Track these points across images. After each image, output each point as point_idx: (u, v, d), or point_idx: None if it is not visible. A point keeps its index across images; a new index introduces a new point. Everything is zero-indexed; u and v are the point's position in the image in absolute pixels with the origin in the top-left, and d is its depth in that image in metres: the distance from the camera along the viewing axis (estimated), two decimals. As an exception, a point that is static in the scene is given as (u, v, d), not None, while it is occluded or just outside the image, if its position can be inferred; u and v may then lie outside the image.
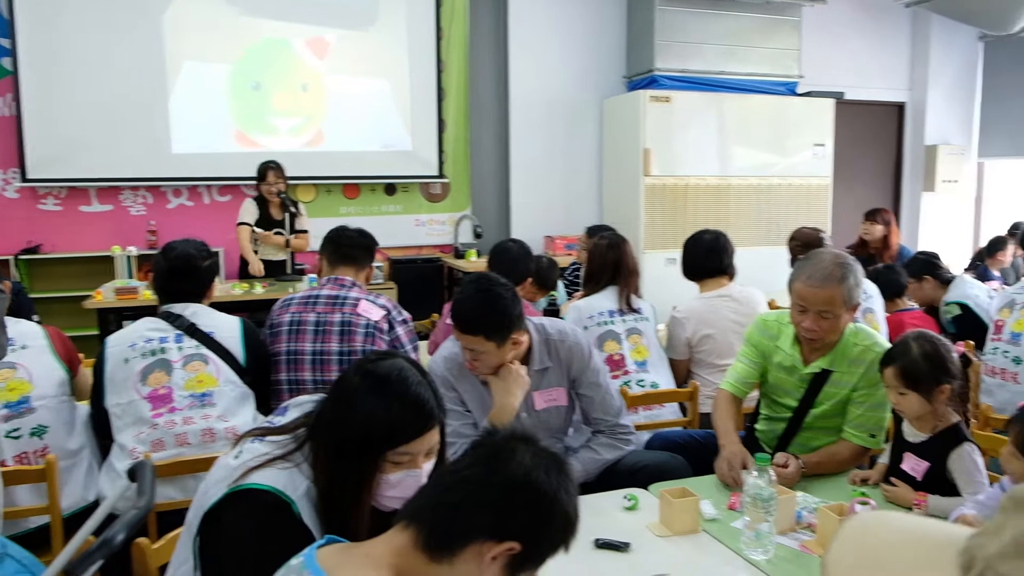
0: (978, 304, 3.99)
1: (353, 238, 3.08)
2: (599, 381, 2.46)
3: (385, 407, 1.40)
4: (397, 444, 1.40)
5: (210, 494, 1.45)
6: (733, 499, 2.07)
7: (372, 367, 1.45)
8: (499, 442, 1.19)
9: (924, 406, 2.06)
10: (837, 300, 2.28)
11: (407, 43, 6.14)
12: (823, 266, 2.31)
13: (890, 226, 5.65)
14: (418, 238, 6.45)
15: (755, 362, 2.58)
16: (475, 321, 2.18)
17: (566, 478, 1.18)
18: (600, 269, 3.39)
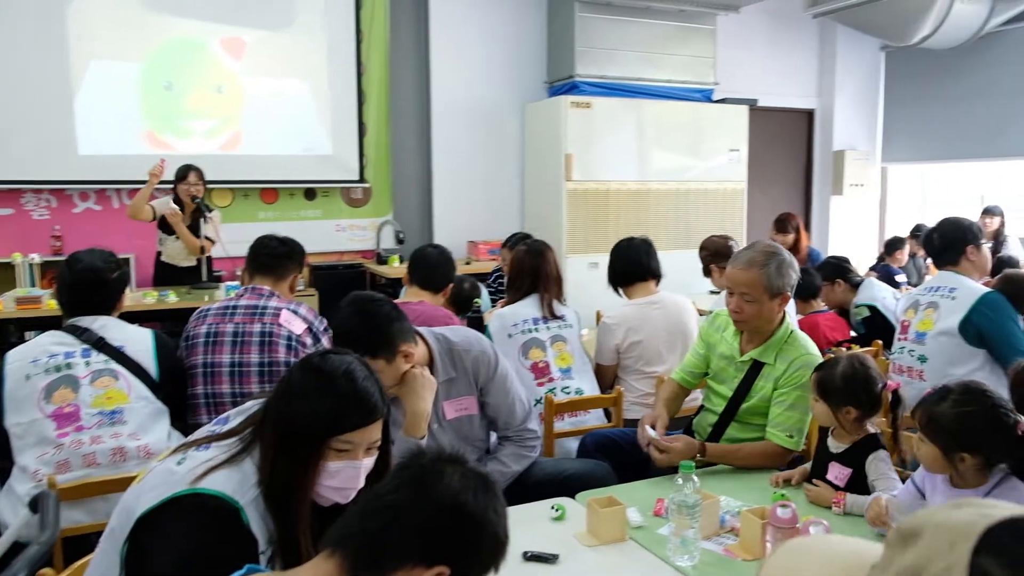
0: (885, 306, 4.17)
1: (271, 247, 2.99)
2: (507, 388, 2.46)
3: (331, 396, 1.43)
4: (341, 432, 1.43)
5: (146, 499, 1.42)
6: (659, 505, 2.09)
7: (320, 362, 1.48)
8: (426, 464, 1.18)
9: (831, 418, 2.19)
10: (757, 284, 2.42)
11: (326, 45, 6.03)
12: (751, 253, 2.48)
13: (799, 231, 5.91)
14: (339, 244, 6.34)
15: (701, 354, 2.75)
16: (356, 341, 2.09)
17: (495, 498, 1.17)
18: (521, 276, 3.39)
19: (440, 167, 6.53)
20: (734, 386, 2.57)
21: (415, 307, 3.17)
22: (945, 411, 1.82)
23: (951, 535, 0.60)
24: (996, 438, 1.79)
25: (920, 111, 7.86)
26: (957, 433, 1.80)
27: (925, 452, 1.87)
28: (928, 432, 1.85)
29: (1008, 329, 3.11)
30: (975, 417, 1.80)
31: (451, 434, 2.34)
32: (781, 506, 1.80)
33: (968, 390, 1.85)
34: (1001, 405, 1.81)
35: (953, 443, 1.81)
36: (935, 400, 1.87)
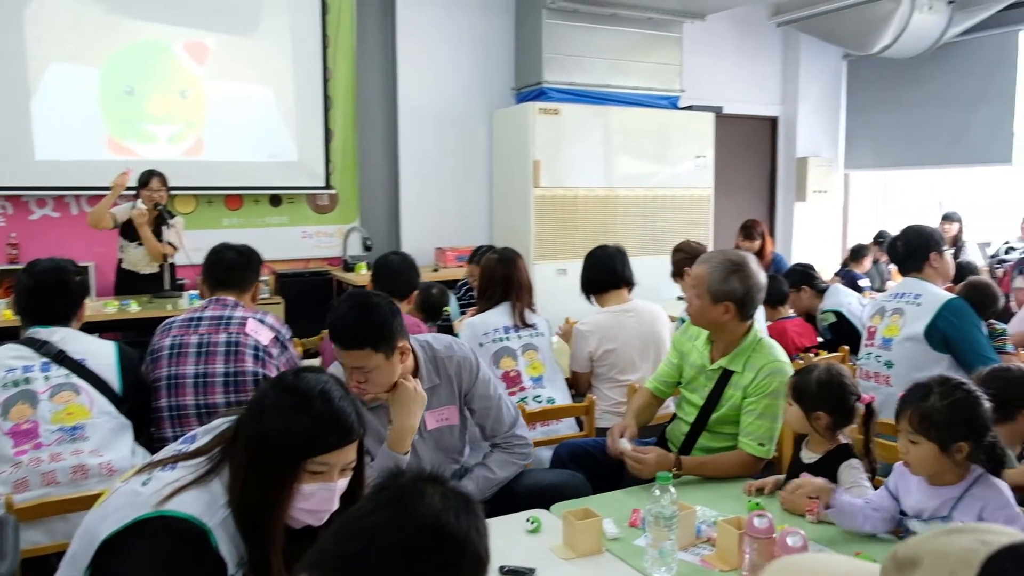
0: (851, 311, 4.22)
1: (228, 259, 2.93)
2: (490, 393, 2.43)
3: (307, 416, 1.40)
4: (316, 453, 1.40)
5: (109, 522, 1.37)
6: (634, 516, 2.08)
7: (295, 381, 1.45)
8: (405, 484, 1.14)
9: (802, 423, 2.21)
10: (701, 282, 2.48)
11: (292, 50, 5.96)
12: (713, 253, 2.56)
13: (764, 237, 6.02)
14: (305, 251, 6.25)
15: (674, 363, 2.76)
16: (357, 334, 2.08)
17: (476, 518, 1.14)
18: (492, 285, 3.37)
19: (407, 173, 6.49)
20: (705, 395, 2.58)
21: None
22: (936, 405, 1.85)
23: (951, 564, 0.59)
24: (984, 421, 1.84)
25: (881, 119, 8.00)
26: (951, 424, 1.83)
27: (919, 453, 1.87)
28: (924, 430, 1.86)
29: (972, 335, 3.16)
30: (964, 404, 1.84)
31: (431, 446, 2.30)
32: (758, 516, 1.79)
33: (947, 382, 1.89)
34: (975, 390, 1.88)
35: (949, 435, 1.83)
36: (919, 398, 1.89)
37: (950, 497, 1.87)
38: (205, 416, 2.58)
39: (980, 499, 1.83)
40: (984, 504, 1.82)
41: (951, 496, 1.87)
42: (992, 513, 1.81)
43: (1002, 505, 1.81)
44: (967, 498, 1.85)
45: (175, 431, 2.58)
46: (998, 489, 1.84)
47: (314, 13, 5.99)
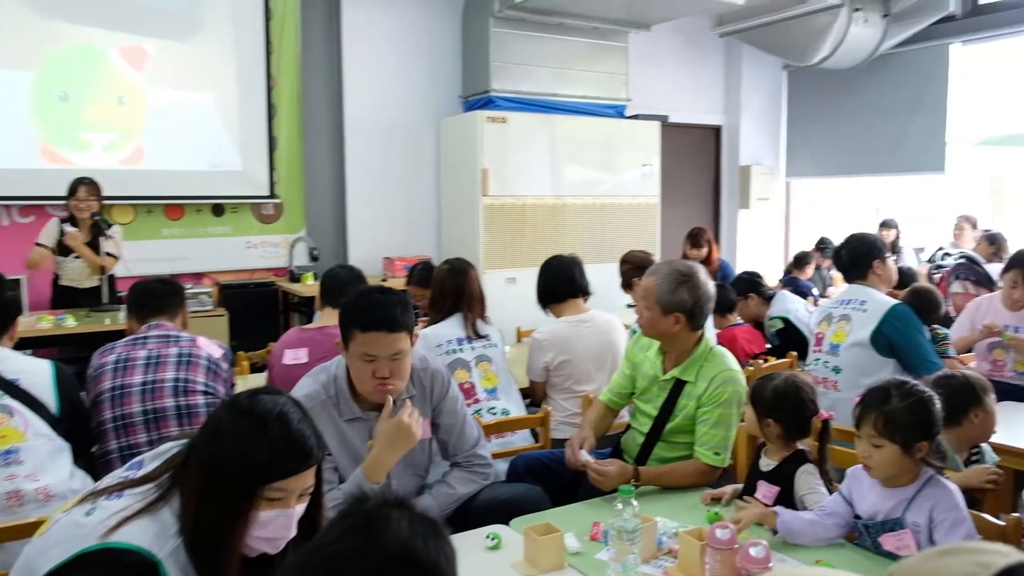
0: (798, 318, 4.29)
1: (154, 288, 2.85)
2: (457, 410, 2.40)
3: (265, 441, 1.34)
4: (274, 479, 1.34)
5: (51, 555, 1.29)
6: (595, 529, 2.07)
7: (251, 403, 1.39)
8: (371, 510, 1.10)
9: (755, 427, 2.25)
10: (650, 294, 2.49)
11: (235, 56, 5.83)
12: (662, 265, 2.56)
13: (711, 244, 6.11)
14: (250, 261, 6.11)
15: (627, 374, 2.75)
16: (397, 316, 2.08)
17: (444, 543, 1.11)
18: (443, 296, 3.33)
19: (354, 182, 6.41)
20: (658, 405, 2.58)
21: (332, 330, 3.06)
22: (898, 407, 1.90)
23: None
24: (937, 420, 1.90)
25: (820, 128, 8.20)
26: (913, 425, 1.88)
27: (881, 456, 1.91)
28: (888, 433, 1.89)
29: (916, 339, 3.24)
30: (922, 405, 1.90)
31: (400, 462, 2.25)
32: (720, 527, 1.79)
33: (902, 385, 1.94)
34: (928, 390, 1.94)
35: (911, 435, 1.88)
36: (880, 401, 1.93)
37: (904, 498, 1.91)
38: (153, 424, 2.50)
39: (931, 498, 1.88)
40: (935, 503, 1.86)
41: (905, 497, 1.91)
42: (942, 513, 1.85)
43: (951, 506, 1.85)
44: (919, 498, 1.89)
45: (120, 442, 2.48)
46: (948, 490, 1.89)
47: (257, 19, 5.87)
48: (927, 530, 1.86)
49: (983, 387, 2.40)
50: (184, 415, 2.55)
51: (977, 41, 6.92)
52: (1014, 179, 12.81)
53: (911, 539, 1.87)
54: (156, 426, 2.52)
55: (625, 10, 6.35)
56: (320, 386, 2.21)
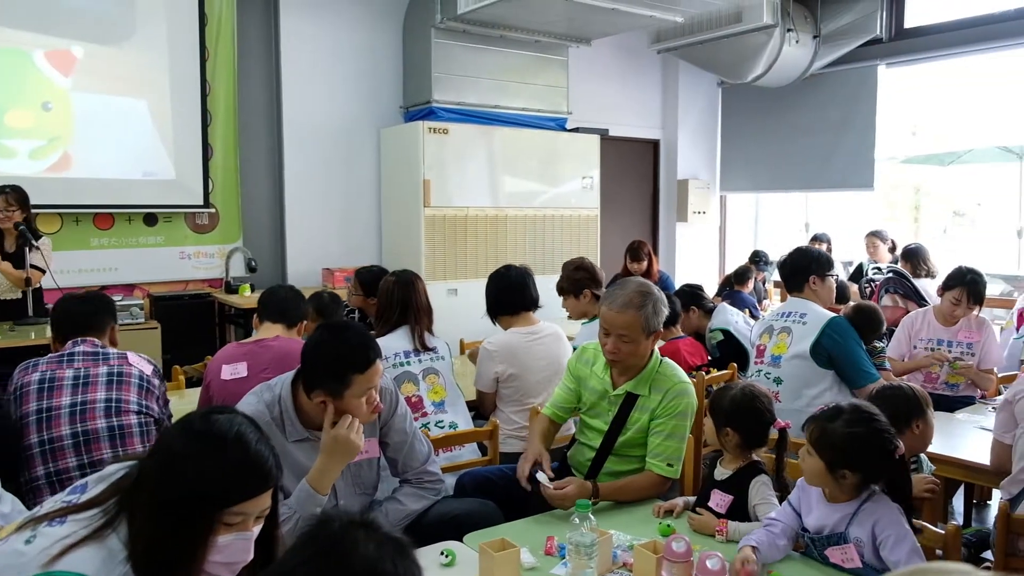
0: (738, 330, 4.37)
1: (82, 307, 2.74)
2: (406, 427, 2.37)
3: (223, 464, 1.29)
4: (234, 503, 1.29)
5: None
6: (549, 543, 2.05)
7: (205, 424, 1.34)
8: (336, 533, 1.07)
9: (714, 437, 2.28)
10: (635, 325, 2.45)
11: (168, 62, 5.66)
12: (626, 293, 2.48)
13: (651, 257, 6.19)
14: (184, 272, 5.93)
15: (571, 388, 2.71)
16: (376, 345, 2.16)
17: (412, 563, 1.09)
18: (390, 308, 3.28)
19: (293, 192, 6.29)
20: (609, 420, 2.57)
21: (271, 343, 3.03)
22: (837, 429, 1.93)
23: None
24: (878, 460, 1.91)
25: (753, 144, 8.40)
26: (845, 451, 1.91)
27: (810, 464, 1.96)
28: (817, 446, 1.94)
29: (853, 351, 3.33)
30: (863, 439, 1.91)
31: (348, 480, 2.21)
32: (675, 540, 1.80)
33: (859, 412, 1.96)
34: (886, 430, 1.94)
35: (839, 460, 1.91)
36: (828, 417, 1.97)
37: (847, 513, 1.95)
38: (83, 447, 2.39)
39: (873, 514, 1.92)
40: (876, 519, 1.91)
41: (848, 512, 1.95)
42: (885, 529, 1.89)
43: (893, 522, 1.90)
44: (861, 514, 1.93)
45: (48, 467, 2.37)
46: (891, 507, 1.93)
47: (192, 24, 5.72)
48: (871, 545, 1.90)
49: (925, 400, 2.48)
50: (117, 436, 2.45)
51: (901, 64, 7.20)
52: (933, 195, 13.37)
53: (855, 553, 1.92)
54: (87, 449, 2.41)
55: (566, 24, 6.41)
56: (264, 406, 2.15)
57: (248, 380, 2.88)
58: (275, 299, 3.20)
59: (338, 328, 2.19)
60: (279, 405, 2.16)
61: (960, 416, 3.42)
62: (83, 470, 2.37)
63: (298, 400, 2.17)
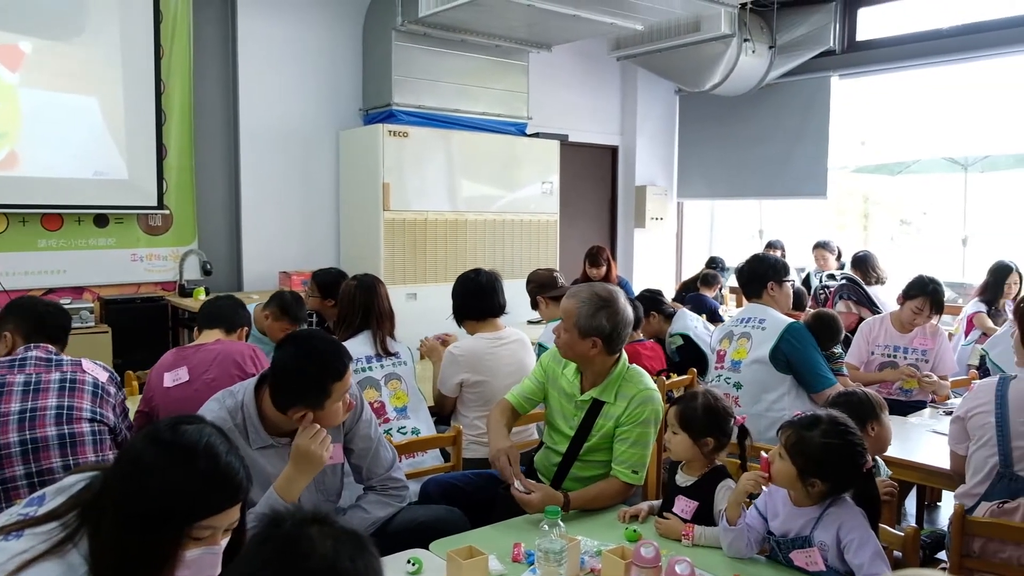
0: (697, 335, 4.42)
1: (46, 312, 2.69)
2: (371, 433, 2.34)
3: (193, 477, 1.25)
4: (203, 517, 1.25)
5: None
6: (516, 550, 2.04)
7: (174, 435, 1.29)
8: (290, 532, 1.03)
9: (689, 450, 2.25)
10: (569, 316, 2.50)
11: (121, 59, 5.52)
12: (583, 288, 2.55)
13: (609, 263, 6.24)
14: (136, 275, 5.79)
15: (539, 381, 2.72)
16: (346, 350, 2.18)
17: (371, 557, 1.06)
18: (352, 313, 3.26)
19: (249, 193, 6.19)
20: (575, 425, 2.57)
21: (212, 346, 3.00)
22: (814, 438, 1.95)
23: None
24: (848, 473, 1.95)
25: (710, 151, 8.52)
26: (818, 461, 1.94)
27: (781, 468, 1.98)
28: (791, 452, 1.96)
29: (811, 356, 3.39)
30: (837, 451, 1.94)
31: (311, 487, 2.17)
32: (644, 545, 1.81)
33: (836, 424, 1.98)
34: (860, 444, 1.97)
35: (810, 468, 1.94)
36: (806, 425, 1.99)
37: (811, 517, 1.98)
38: (32, 455, 2.31)
39: (837, 518, 1.95)
40: (841, 523, 1.94)
41: (813, 516, 1.98)
42: (848, 533, 1.92)
43: (856, 526, 1.94)
44: (825, 517, 1.97)
45: None
46: (854, 511, 1.97)
47: (146, 21, 5.59)
48: (835, 549, 1.93)
49: (880, 404, 2.54)
50: (68, 444, 2.37)
51: (853, 75, 7.37)
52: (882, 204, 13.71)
53: (819, 556, 1.95)
54: (35, 457, 2.33)
55: (526, 30, 6.42)
56: (227, 412, 2.11)
57: (191, 384, 2.87)
58: (214, 307, 3.24)
59: (306, 340, 2.16)
60: (242, 412, 2.12)
61: (913, 420, 3.50)
62: (31, 479, 2.30)
63: (262, 407, 2.13)
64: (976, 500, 2.38)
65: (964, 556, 2.29)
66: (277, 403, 2.09)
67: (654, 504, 2.33)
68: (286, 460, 2.11)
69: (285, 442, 2.15)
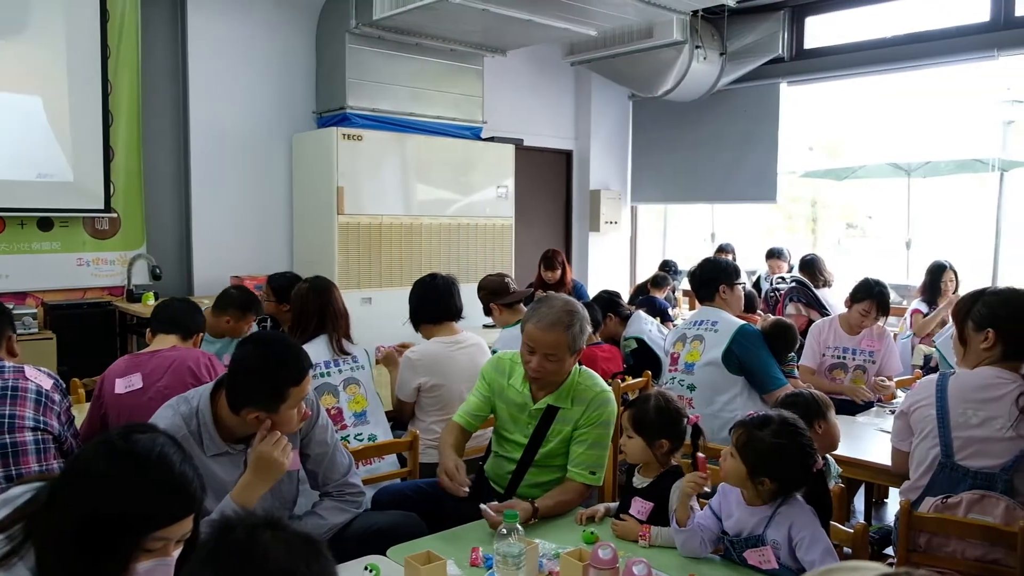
0: (651, 338, 4.47)
1: None
2: (327, 438, 2.32)
3: (147, 488, 1.22)
4: (156, 528, 1.22)
5: None
6: (474, 555, 2.04)
7: (126, 444, 1.26)
8: (241, 539, 1.01)
9: (644, 453, 2.27)
10: (562, 345, 2.43)
11: (65, 59, 5.38)
12: (553, 312, 2.45)
13: (564, 266, 6.27)
14: (82, 280, 5.64)
15: (485, 396, 2.67)
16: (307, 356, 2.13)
17: (325, 560, 1.04)
18: (307, 317, 3.22)
19: (200, 197, 6.08)
20: (529, 433, 2.55)
21: (167, 353, 2.92)
22: (764, 437, 1.99)
23: None
24: (798, 473, 1.99)
25: (663, 156, 8.62)
26: (768, 461, 1.98)
27: (731, 466, 2.02)
28: (742, 451, 2.00)
29: (762, 358, 3.46)
30: (787, 451, 1.98)
31: (267, 494, 2.13)
32: (601, 547, 1.82)
33: (787, 424, 2.03)
34: (809, 445, 2.01)
35: (761, 467, 1.98)
36: (756, 424, 2.03)
37: (763, 516, 2.02)
38: None
39: (788, 517, 1.99)
40: (792, 521, 1.98)
41: (765, 515, 2.02)
42: (799, 531, 1.97)
43: (807, 524, 1.98)
44: (777, 516, 2.01)
45: None
46: (804, 509, 2.02)
47: (92, 19, 5.45)
48: (787, 547, 1.97)
49: (825, 403, 2.60)
50: (9, 454, 2.30)
51: (801, 83, 7.53)
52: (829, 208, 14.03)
53: (771, 555, 1.98)
54: None
55: (481, 34, 6.43)
56: (181, 419, 2.07)
57: (144, 392, 2.80)
58: (169, 311, 3.13)
59: (266, 342, 2.14)
60: (197, 418, 2.09)
61: (861, 419, 3.59)
62: (-30, 489, 2.23)
63: (218, 413, 2.10)
64: (920, 492, 2.45)
65: (911, 551, 2.35)
66: (232, 402, 2.06)
67: (611, 506, 2.35)
68: (241, 468, 2.08)
69: (240, 449, 2.12)
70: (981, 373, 2.43)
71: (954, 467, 2.38)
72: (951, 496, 2.35)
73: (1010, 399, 2.34)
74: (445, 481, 2.41)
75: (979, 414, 2.37)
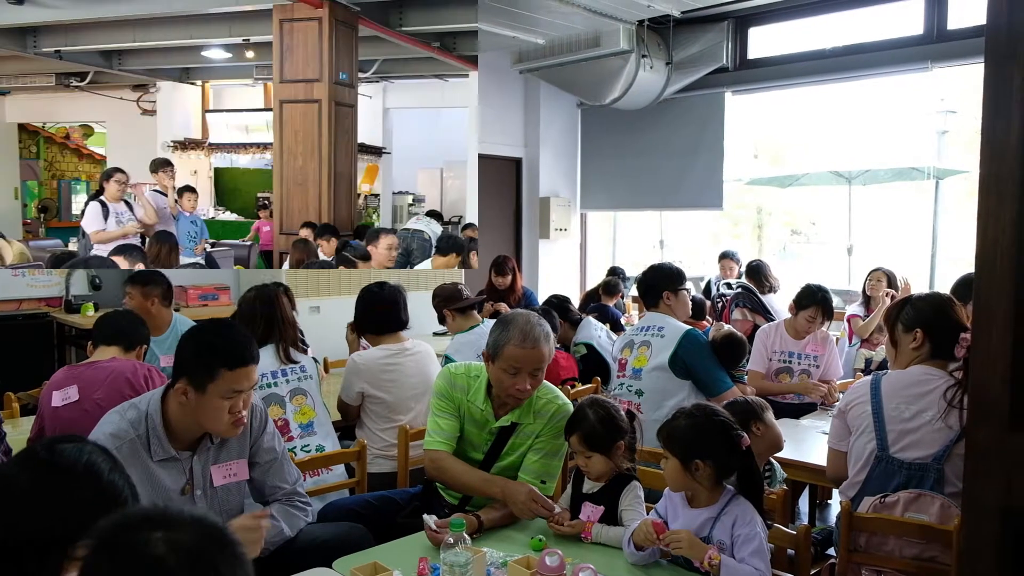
0: (600, 344, 4.50)
1: None
2: (275, 446, 2.29)
3: (72, 501, 1.18)
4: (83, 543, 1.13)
5: None
6: (422, 565, 2.03)
7: (51, 455, 1.22)
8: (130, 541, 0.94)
9: (607, 464, 2.29)
10: (545, 359, 2.45)
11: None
12: (532, 329, 2.41)
13: (515, 272, 6.29)
14: (17, 290, 5.47)
15: (455, 415, 2.56)
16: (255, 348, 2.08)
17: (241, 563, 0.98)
18: (252, 325, 3.15)
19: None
20: (486, 449, 2.53)
21: (106, 364, 2.86)
22: (681, 424, 2.08)
23: None
24: (723, 446, 2.04)
25: (611, 164, 8.69)
26: (691, 442, 2.04)
27: (668, 467, 2.07)
28: (669, 445, 2.07)
29: (707, 361, 3.51)
30: (705, 428, 2.06)
31: (215, 507, 2.09)
32: (549, 554, 1.83)
33: (700, 408, 2.13)
34: (727, 420, 2.09)
35: (688, 452, 2.03)
36: (673, 418, 2.12)
37: (709, 517, 2.05)
38: None
39: (732, 515, 2.03)
40: (735, 519, 2.02)
41: (710, 516, 2.05)
42: (741, 528, 2.00)
43: (747, 522, 2.02)
44: (723, 516, 2.04)
45: None
46: (747, 507, 2.06)
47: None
48: (731, 547, 2.00)
49: (761, 405, 2.68)
50: None
51: (745, 92, 7.68)
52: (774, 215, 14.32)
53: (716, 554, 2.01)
54: None
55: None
56: (128, 424, 2.02)
57: (80, 404, 2.74)
58: (112, 323, 3.07)
59: (223, 323, 2.14)
60: (145, 422, 2.05)
61: (804, 422, 3.66)
62: None
63: (168, 417, 2.06)
64: (858, 488, 2.51)
65: (852, 551, 2.41)
66: (173, 374, 2.06)
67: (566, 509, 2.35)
68: (186, 474, 2.05)
69: (188, 455, 2.10)
70: (912, 371, 2.54)
71: (889, 460, 2.45)
72: (888, 495, 2.41)
73: (939, 393, 2.43)
74: (535, 508, 2.29)
75: (911, 408, 2.46)
